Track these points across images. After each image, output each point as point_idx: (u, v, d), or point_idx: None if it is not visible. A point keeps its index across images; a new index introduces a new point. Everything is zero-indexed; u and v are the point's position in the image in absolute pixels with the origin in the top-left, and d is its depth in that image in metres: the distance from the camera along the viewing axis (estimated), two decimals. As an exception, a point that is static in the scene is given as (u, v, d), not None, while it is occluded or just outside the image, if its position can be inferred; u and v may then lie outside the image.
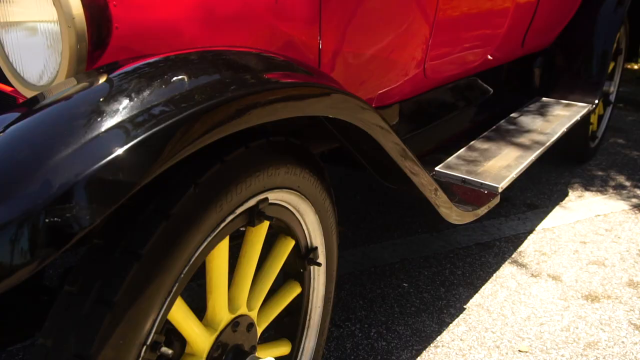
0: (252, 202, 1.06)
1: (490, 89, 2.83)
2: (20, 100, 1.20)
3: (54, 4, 0.96)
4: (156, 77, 0.90)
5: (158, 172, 0.77)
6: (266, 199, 1.10)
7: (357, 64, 1.91)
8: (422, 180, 1.56)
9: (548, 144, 2.40)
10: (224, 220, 0.98)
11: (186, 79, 0.92)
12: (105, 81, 0.90)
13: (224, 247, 1.06)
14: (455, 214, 1.77)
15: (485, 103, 2.76)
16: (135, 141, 0.75)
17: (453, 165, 2.16)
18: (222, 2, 1.48)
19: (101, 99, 0.82)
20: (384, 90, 2.08)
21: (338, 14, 1.77)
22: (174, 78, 0.91)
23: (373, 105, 2.14)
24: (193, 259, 0.94)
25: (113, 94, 0.84)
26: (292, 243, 1.32)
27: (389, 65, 2.03)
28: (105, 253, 0.84)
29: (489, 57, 2.51)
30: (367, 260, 2.42)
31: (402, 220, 2.74)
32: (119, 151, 0.74)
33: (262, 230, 1.18)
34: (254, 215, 1.08)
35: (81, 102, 0.84)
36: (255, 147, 1.03)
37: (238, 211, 1.02)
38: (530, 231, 2.70)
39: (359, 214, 2.80)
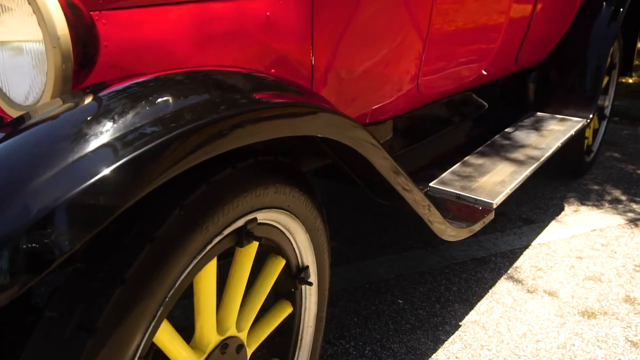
0: (240, 223, 1.05)
1: (485, 104, 2.83)
2: (7, 120, 1.19)
3: (39, 24, 0.96)
4: (142, 98, 0.89)
5: (141, 196, 0.76)
6: (255, 219, 1.09)
7: (349, 79, 1.90)
8: (415, 197, 1.55)
9: (542, 159, 2.40)
10: (210, 242, 0.96)
11: (172, 100, 0.91)
12: (90, 102, 0.89)
13: (211, 268, 1.04)
14: (449, 231, 1.76)
15: (480, 118, 2.76)
16: (117, 164, 0.74)
17: (447, 181, 2.15)
18: (214, 19, 1.48)
19: (84, 121, 0.81)
20: (377, 106, 2.08)
21: (330, 30, 1.77)
22: (160, 99, 0.90)
23: (367, 121, 2.14)
24: (179, 282, 0.92)
25: (97, 115, 0.83)
26: (283, 262, 1.30)
27: (382, 81, 2.03)
28: (88, 277, 0.83)
29: (484, 72, 2.52)
30: (362, 277, 2.40)
31: (397, 235, 2.73)
32: (100, 174, 0.73)
33: (251, 250, 1.16)
34: (242, 236, 1.07)
35: (64, 123, 0.83)
36: (243, 168, 1.02)
37: (225, 232, 1.01)
38: (526, 246, 2.69)
39: (354, 229, 2.78)
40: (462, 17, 2.20)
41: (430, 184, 2.13)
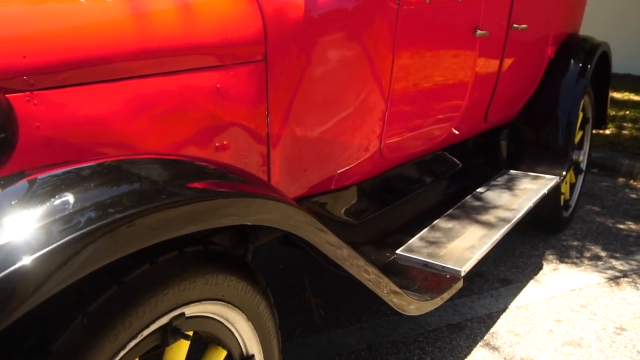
0: (163, 320, 0.97)
1: (458, 163, 2.79)
2: None
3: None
4: (49, 194, 0.83)
5: (23, 313, 0.68)
6: (182, 314, 1.01)
7: (308, 145, 1.86)
8: (370, 272, 1.48)
9: (514, 220, 2.34)
10: (123, 347, 0.88)
11: (83, 196, 0.84)
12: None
13: (131, 371, 0.95)
14: (412, 306, 1.67)
15: (451, 178, 2.71)
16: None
17: (415, 248, 2.08)
18: (157, 95, 1.44)
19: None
20: (340, 171, 2.02)
21: (286, 96, 1.74)
22: (70, 194, 0.84)
23: (332, 187, 2.08)
24: (85, 396, 0.83)
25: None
26: (224, 353, 1.21)
27: (343, 145, 1.98)
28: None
29: (455, 131, 2.48)
30: (332, 348, 2.29)
31: (370, 301, 2.63)
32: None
33: (181, 347, 1.07)
34: (167, 334, 0.98)
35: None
36: (164, 262, 0.94)
37: (145, 333, 0.92)
38: (504, 309, 2.60)
39: (326, 296, 2.68)
40: (425, 76, 2.17)
41: (397, 252, 2.06)
